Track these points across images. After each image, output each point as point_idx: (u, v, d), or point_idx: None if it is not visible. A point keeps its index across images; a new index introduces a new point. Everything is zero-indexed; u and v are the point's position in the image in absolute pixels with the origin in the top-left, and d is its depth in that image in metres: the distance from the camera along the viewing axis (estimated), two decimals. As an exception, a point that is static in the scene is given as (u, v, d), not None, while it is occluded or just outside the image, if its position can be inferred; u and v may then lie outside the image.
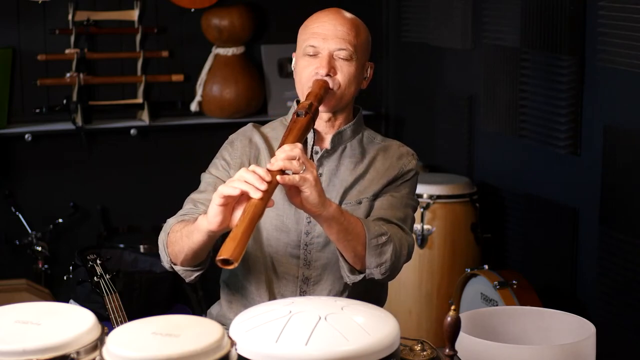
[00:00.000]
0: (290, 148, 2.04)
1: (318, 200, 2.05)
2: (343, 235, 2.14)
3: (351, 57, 2.28)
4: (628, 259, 3.26)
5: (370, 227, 2.18)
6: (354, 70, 2.29)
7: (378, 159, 2.37)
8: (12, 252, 4.19)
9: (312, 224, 2.30)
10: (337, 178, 2.34)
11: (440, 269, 3.87)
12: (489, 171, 4.11)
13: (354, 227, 2.14)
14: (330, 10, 2.33)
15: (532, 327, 2.49)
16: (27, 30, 4.18)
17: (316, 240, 2.31)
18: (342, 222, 2.12)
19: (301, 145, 2.07)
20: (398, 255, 2.22)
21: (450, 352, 1.90)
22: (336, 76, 2.28)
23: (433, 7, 4.32)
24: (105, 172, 4.37)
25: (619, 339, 3.30)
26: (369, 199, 2.32)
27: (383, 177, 2.34)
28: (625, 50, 3.20)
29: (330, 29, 2.28)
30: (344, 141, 2.36)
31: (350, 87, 2.30)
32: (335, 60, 2.27)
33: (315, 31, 2.29)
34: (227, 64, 4.40)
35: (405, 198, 2.35)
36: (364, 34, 2.33)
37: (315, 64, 2.28)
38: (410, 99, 4.63)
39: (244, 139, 2.40)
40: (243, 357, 1.64)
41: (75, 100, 4.20)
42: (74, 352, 1.56)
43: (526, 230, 3.85)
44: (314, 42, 2.28)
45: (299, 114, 2.16)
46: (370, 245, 2.16)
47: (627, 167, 3.26)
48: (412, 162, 2.38)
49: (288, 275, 2.32)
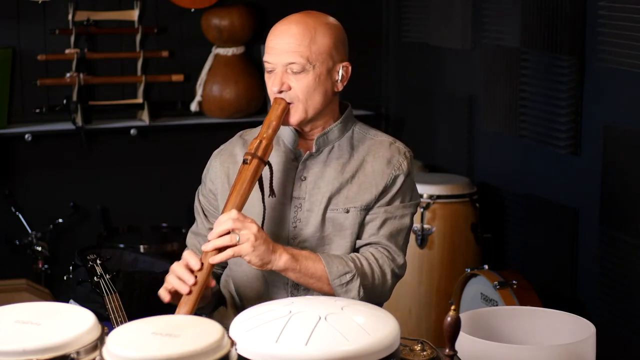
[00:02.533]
0: (224, 219, 2.10)
1: (261, 261, 2.13)
2: (303, 280, 2.20)
3: (304, 68, 2.21)
4: (628, 259, 3.26)
5: (333, 267, 2.20)
6: (311, 80, 2.22)
7: (367, 160, 2.32)
8: (12, 252, 4.19)
9: (297, 229, 2.29)
10: (322, 181, 2.30)
11: (440, 269, 3.87)
12: (489, 171, 4.11)
13: (313, 271, 2.19)
14: (284, 21, 2.28)
15: (532, 327, 2.49)
16: (27, 30, 4.18)
17: (303, 245, 2.29)
18: (297, 269, 2.17)
19: (235, 212, 2.10)
20: (373, 285, 2.25)
21: (450, 352, 1.90)
22: (291, 91, 2.23)
23: (433, 7, 4.31)
24: (105, 172, 4.37)
25: (619, 339, 3.30)
26: (357, 210, 2.29)
27: (372, 185, 2.30)
28: (625, 50, 3.20)
29: (281, 42, 2.23)
30: (331, 141, 2.32)
31: (312, 97, 2.24)
32: (289, 74, 2.23)
33: (269, 45, 2.26)
34: (227, 64, 4.40)
35: (400, 209, 2.32)
36: (324, 38, 2.24)
37: (270, 81, 2.25)
38: (410, 99, 4.63)
39: (225, 153, 2.39)
40: (243, 357, 1.64)
41: (75, 100, 4.20)
42: (74, 352, 1.56)
43: (526, 230, 3.85)
44: (268, 57, 2.26)
45: (245, 160, 2.16)
46: (334, 284, 2.20)
47: (627, 167, 3.26)
48: (403, 163, 2.32)
49: (278, 282, 2.30)
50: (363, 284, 2.22)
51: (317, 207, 2.28)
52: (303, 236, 2.29)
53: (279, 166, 2.31)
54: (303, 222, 2.28)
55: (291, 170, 2.31)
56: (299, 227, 2.28)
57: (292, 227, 2.29)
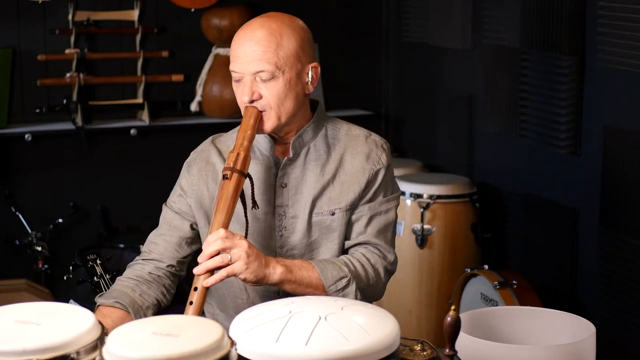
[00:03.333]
0: (213, 239, 2.06)
1: (255, 277, 2.09)
2: (300, 290, 2.16)
3: (273, 75, 2.17)
4: (628, 259, 3.26)
5: (328, 273, 2.18)
6: (282, 86, 2.17)
7: (346, 158, 2.28)
8: (12, 252, 4.19)
9: (284, 238, 2.26)
10: (304, 186, 2.26)
11: (440, 269, 3.87)
12: (489, 171, 4.11)
13: (308, 280, 2.16)
14: (247, 27, 2.23)
15: (532, 327, 2.49)
16: (27, 30, 4.19)
17: (291, 252, 2.27)
18: (293, 280, 2.14)
19: (223, 231, 2.06)
20: (368, 285, 2.24)
21: (450, 352, 1.90)
22: (262, 99, 2.18)
23: (433, 7, 4.31)
24: (105, 172, 4.37)
25: (619, 339, 3.30)
26: (343, 210, 2.26)
27: (354, 183, 2.27)
28: (625, 50, 3.20)
29: (246, 50, 2.18)
30: (307, 142, 2.28)
31: (284, 103, 2.19)
32: (258, 82, 2.18)
33: (234, 54, 2.22)
34: (227, 64, 4.34)
35: (384, 204, 2.30)
36: (290, 41, 2.20)
37: (239, 90, 2.21)
38: (410, 99, 4.63)
39: (200, 161, 2.36)
40: (243, 357, 1.64)
41: (75, 100, 4.20)
42: (74, 352, 1.56)
43: (526, 230, 3.85)
44: (234, 66, 2.21)
45: (224, 176, 2.12)
46: (331, 291, 2.18)
47: (627, 167, 3.26)
48: (382, 157, 2.29)
49: (267, 291, 2.28)
50: (359, 287, 2.21)
51: (301, 212, 2.25)
52: (290, 244, 2.26)
53: (258, 174, 2.26)
54: (289, 230, 2.26)
55: (271, 178, 2.27)
56: (285, 235, 2.26)
57: (278, 235, 2.27)
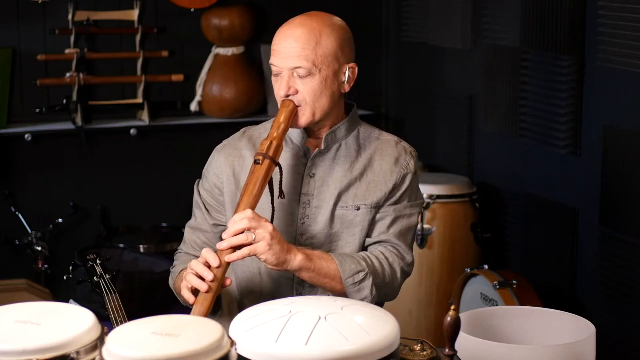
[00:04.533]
0: (239, 218, 2.10)
1: (277, 260, 2.12)
2: (317, 279, 2.20)
3: (310, 73, 2.21)
4: (628, 259, 3.26)
5: (346, 266, 2.21)
6: (318, 83, 2.22)
7: (375, 159, 2.34)
8: (12, 252, 4.19)
9: (305, 226, 2.30)
10: (331, 179, 2.31)
11: (440, 269, 3.87)
12: (489, 171, 4.11)
13: (327, 270, 2.19)
14: (289, 25, 2.27)
15: (532, 327, 2.49)
16: (27, 30, 4.18)
17: (311, 242, 2.30)
18: (312, 269, 2.17)
19: (250, 211, 2.10)
20: (384, 283, 2.26)
21: (450, 352, 1.90)
22: (298, 94, 2.23)
23: (433, 7, 4.31)
24: (105, 172, 4.37)
25: (619, 339, 3.30)
26: (368, 207, 2.30)
27: (381, 183, 2.32)
28: (625, 50, 3.20)
29: (286, 47, 2.23)
30: (339, 139, 2.33)
31: (319, 100, 2.24)
32: (296, 78, 2.23)
33: (275, 49, 2.26)
34: (227, 64, 4.40)
35: (409, 208, 2.34)
36: (329, 41, 2.23)
37: (278, 85, 2.25)
38: (410, 99, 4.63)
39: (230, 147, 2.39)
40: (243, 357, 1.64)
41: (75, 100, 4.20)
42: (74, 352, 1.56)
43: (526, 230, 3.85)
44: (274, 60, 2.25)
45: (256, 161, 2.16)
46: (347, 284, 2.20)
47: (627, 167, 3.26)
48: (411, 163, 2.35)
49: (283, 278, 2.31)
50: (375, 283, 2.23)
51: (326, 204, 2.29)
52: (311, 233, 2.30)
53: (287, 162, 2.31)
54: (311, 219, 2.29)
55: (300, 167, 2.32)
56: (307, 224, 2.30)
57: (300, 223, 2.30)
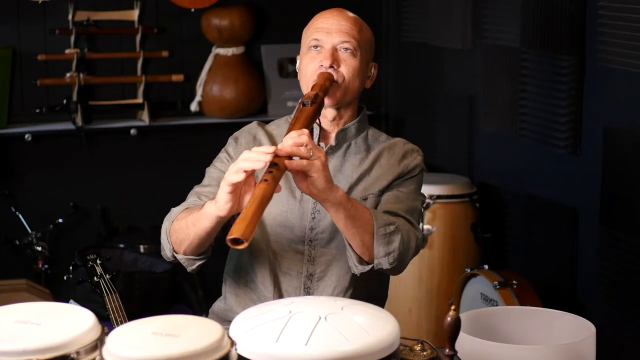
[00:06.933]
0: (297, 134, 2.05)
1: (325, 185, 2.07)
2: (350, 223, 2.14)
3: (355, 50, 2.30)
4: (628, 259, 3.26)
5: (378, 216, 2.19)
6: (358, 64, 2.31)
7: (383, 155, 2.38)
8: (12, 252, 4.19)
9: (316, 220, 2.31)
10: (341, 174, 2.34)
11: (440, 268, 3.87)
12: (489, 171, 4.11)
13: (361, 214, 2.16)
14: (334, 9, 2.38)
15: (532, 327, 2.49)
16: (27, 30, 4.18)
17: (320, 236, 2.31)
18: (349, 208, 2.13)
19: (308, 132, 2.08)
20: (406, 246, 2.23)
21: (450, 352, 1.90)
22: (340, 69, 2.30)
23: (433, 7, 4.31)
24: (105, 172, 4.37)
25: (619, 339, 3.30)
26: (375, 195, 2.33)
27: (389, 173, 2.35)
28: (625, 50, 3.20)
29: (334, 23, 2.32)
30: (349, 138, 2.37)
31: (354, 80, 2.32)
32: (339, 52, 2.30)
33: (319, 26, 2.34)
34: (227, 64, 4.40)
35: (413, 193, 2.36)
36: (367, 33, 2.37)
37: (319, 58, 2.31)
38: (410, 99, 4.63)
39: (248, 135, 2.42)
40: (243, 357, 1.64)
41: (75, 100, 4.20)
42: (74, 352, 1.57)
43: (526, 230, 3.85)
44: (317, 36, 2.32)
45: (305, 103, 2.19)
46: (378, 233, 2.17)
47: (627, 167, 3.26)
48: (418, 158, 2.40)
49: (292, 271, 2.32)
50: (403, 240, 2.21)
51: None
52: (321, 227, 2.31)
53: None
54: (322, 213, 2.30)
55: None
56: (317, 218, 2.31)
57: (310, 217, 2.32)
